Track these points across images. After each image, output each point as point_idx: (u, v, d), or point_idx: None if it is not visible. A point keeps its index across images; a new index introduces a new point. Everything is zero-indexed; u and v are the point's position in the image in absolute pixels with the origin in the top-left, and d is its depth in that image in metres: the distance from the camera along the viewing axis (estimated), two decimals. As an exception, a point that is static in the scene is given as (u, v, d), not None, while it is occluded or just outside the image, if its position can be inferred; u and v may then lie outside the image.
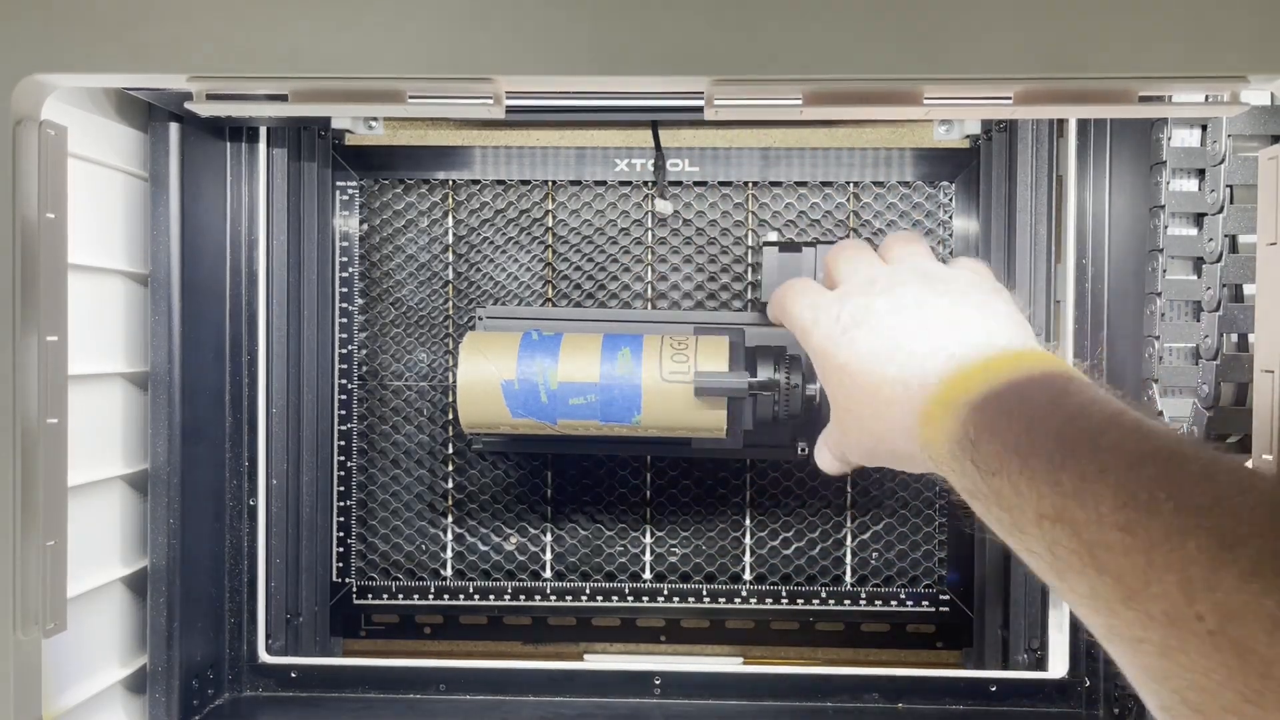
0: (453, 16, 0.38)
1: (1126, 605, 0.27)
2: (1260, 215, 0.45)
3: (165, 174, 0.57)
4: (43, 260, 0.40)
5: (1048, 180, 0.59)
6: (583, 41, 0.38)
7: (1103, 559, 0.28)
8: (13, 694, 0.39)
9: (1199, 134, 0.55)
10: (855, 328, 0.42)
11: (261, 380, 0.62)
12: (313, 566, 0.64)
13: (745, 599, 0.65)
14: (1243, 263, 0.52)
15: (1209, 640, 0.25)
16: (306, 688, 0.63)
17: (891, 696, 0.62)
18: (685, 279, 0.64)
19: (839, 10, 0.37)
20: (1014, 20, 0.37)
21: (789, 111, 0.40)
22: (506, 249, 0.65)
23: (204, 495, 0.60)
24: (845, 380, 0.42)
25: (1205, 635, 0.25)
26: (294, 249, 0.63)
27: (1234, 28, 0.37)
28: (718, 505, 0.65)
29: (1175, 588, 0.26)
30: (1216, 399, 0.53)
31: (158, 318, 0.57)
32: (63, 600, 0.42)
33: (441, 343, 0.65)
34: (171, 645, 0.57)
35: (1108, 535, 0.28)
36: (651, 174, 0.63)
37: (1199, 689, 0.25)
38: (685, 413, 0.55)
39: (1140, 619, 0.27)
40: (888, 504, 0.65)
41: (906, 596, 0.64)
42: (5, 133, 0.38)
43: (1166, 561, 0.26)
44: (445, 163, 0.64)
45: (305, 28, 0.38)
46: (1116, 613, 0.28)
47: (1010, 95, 0.39)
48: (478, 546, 0.66)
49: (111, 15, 0.38)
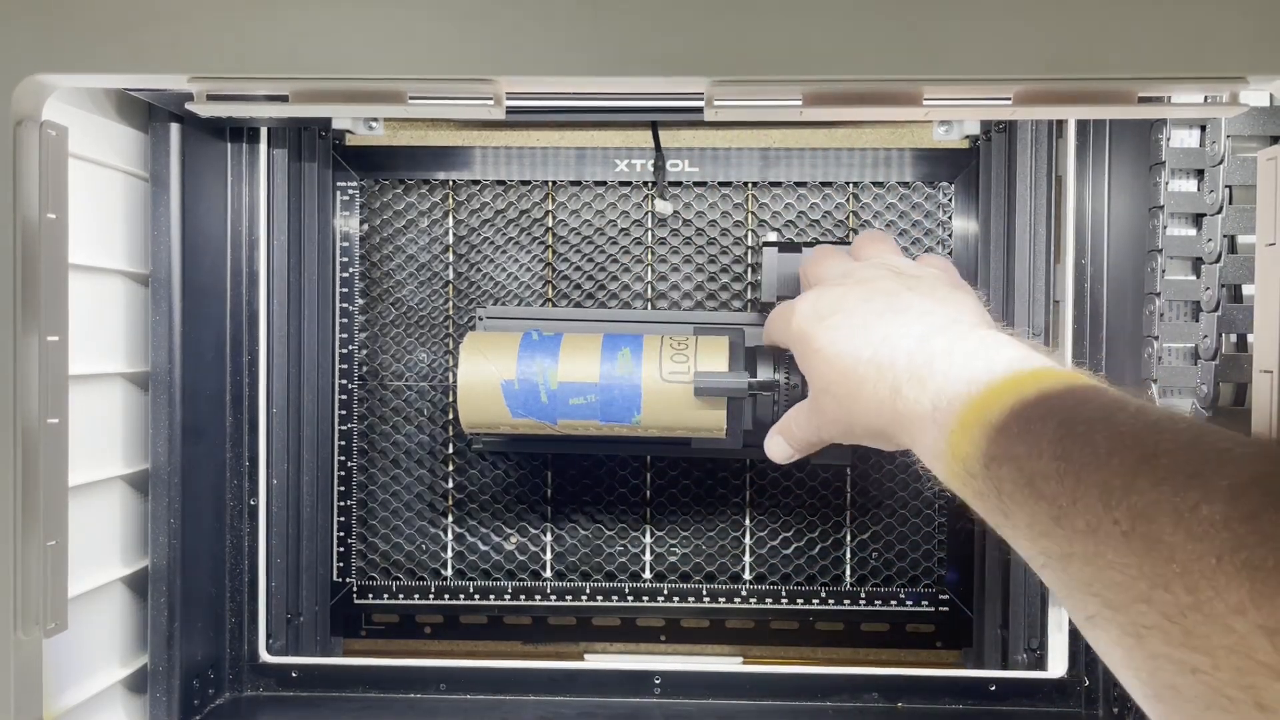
0: (453, 17, 0.38)
1: (1058, 524, 0.30)
2: (1259, 215, 0.45)
3: (166, 174, 0.57)
4: (43, 260, 0.40)
5: (1047, 181, 0.59)
6: (583, 42, 0.38)
7: (1040, 487, 0.31)
8: (13, 694, 0.39)
9: (1198, 134, 0.55)
10: (831, 315, 0.45)
11: (262, 380, 0.62)
12: (313, 566, 0.64)
13: (745, 599, 0.65)
14: (1242, 263, 0.52)
15: (1124, 541, 0.28)
16: (307, 687, 0.63)
17: (891, 696, 0.62)
18: (685, 279, 0.65)
19: (839, 10, 0.37)
20: (1014, 20, 0.37)
21: (789, 112, 0.40)
22: (506, 249, 0.65)
23: (204, 495, 0.60)
24: (822, 364, 0.45)
25: (1120, 537, 0.28)
26: (294, 249, 0.63)
27: (1233, 28, 0.37)
28: (718, 505, 0.65)
29: (1097, 500, 0.29)
30: (1215, 399, 0.53)
31: (158, 318, 0.57)
32: (63, 600, 0.42)
33: (441, 343, 0.65)
34: (172, 645, 0.57)
35: (1045, 465, 0.31)
36: (651, 174, 0.63)
37: (1116, 586, 0.28)
38: (685, 413, 0.55)
39: (1068, 535, 0.30)
40: (887, 504, 0.65)
41: (906, 596, 0.64)
42: (6, 133, 0.38)
43: (1092, 479, 0.29)
44: (445, 163, 0.64)
45: (305, 28, 0.38)
46: (1050, 534, 0.31)
47: (1010, 96, 0.39)
48: (478, 546, 0.66)
49: (112, 15, 0.38)
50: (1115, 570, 0.28)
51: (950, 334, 0.41)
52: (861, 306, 0.45)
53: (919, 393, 0.39)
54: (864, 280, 0.47)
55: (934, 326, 0.41)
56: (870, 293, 0.45)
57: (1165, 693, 0.29)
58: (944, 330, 0.41)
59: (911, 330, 0.42)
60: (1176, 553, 0.26)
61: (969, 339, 0.40)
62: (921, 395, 0.39)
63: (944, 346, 0.40)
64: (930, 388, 0.39)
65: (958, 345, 0.39)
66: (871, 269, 0.48)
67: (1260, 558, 0.25)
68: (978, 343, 0.39)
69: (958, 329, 0.41)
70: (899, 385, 0.40)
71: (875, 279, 0.47)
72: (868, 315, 0.44)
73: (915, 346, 0.41)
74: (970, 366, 0.38)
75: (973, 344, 0.39)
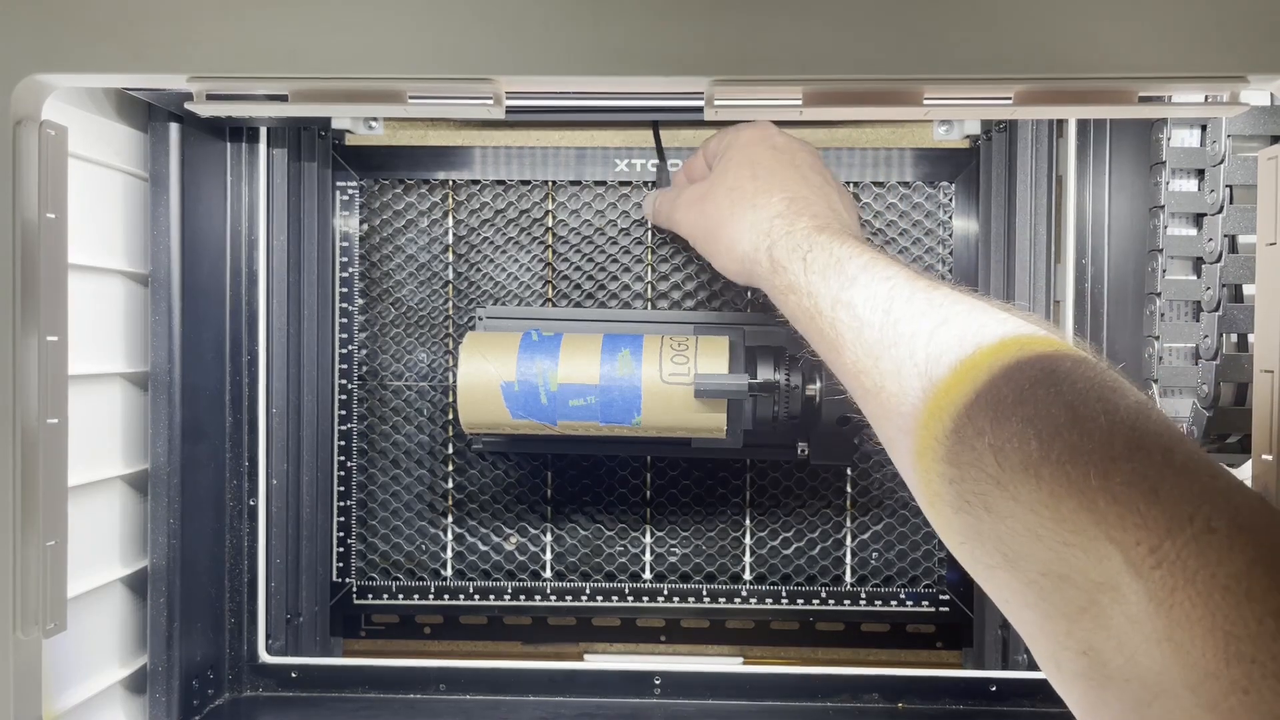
0: (453, 16, 0.38)
1: (878, 362, 0.39)
2: (1260, 215, 0.45)
3: (165, 174, 0.57)
4: (43, 260, 0.40)
5: (1047, 180, 0.59)
6: (583, 42, 0.38)
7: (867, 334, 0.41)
8: (13, 694, 0.39)
9: (1199, 134, 0.55)
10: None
11: (262, 380, 0.62)
12: (313, 566, 0.64)
13: (745, 599, 0.65)
14: (1242, 263, 0.52)
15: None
16: (306, 688, 0.63)
17: (891, 696, 0.62)
18: (686, 279, 0.64)
19: (839, 10, 0.37)
20: (1014, 20, 0.37)
21: (789, 111, 0.40)
22: (506, 249, 0.65)
23: (204, 495, 0.60)
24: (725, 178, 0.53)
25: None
26: (294, 249, 0.63)
27: (1234, 28, 0.37)
28: (718, 505, 0.65)
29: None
30: (1216, 399, 0.53)
31: (158, 318, 0.57)
32: (63, 600, 0.41)
33: (441, 343, 0.65)
34: (171, 645, 0.57)
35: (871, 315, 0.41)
36: (652, 174, 0.63)
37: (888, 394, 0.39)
38: (685, 414, 0.55)
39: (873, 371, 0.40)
40: (888, 504, 0.65)
41: (906, 596, 0.64)
42: (5, 133, 0.38)
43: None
44: (445, 163, 0.64)
45: (305, 28, 0.38)
46: (865, 371, 0.40)
47: (1010, 95, 0.39)
48: (478, 546, 0.66)
49: (111, 15, 0.38)
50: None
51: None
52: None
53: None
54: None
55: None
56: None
57: (935, 500, 0.37)
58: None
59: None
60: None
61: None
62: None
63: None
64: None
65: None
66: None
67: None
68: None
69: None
70: (763, 225, 0.50)
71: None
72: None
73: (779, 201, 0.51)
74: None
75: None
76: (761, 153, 0.52)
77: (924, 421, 0.36)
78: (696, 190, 0.55)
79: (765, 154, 0.52)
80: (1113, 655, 0.28)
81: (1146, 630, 0.27)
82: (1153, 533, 0.28)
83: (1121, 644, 0.28)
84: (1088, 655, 0.29)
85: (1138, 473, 0.29)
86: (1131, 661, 0.28)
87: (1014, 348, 0.35)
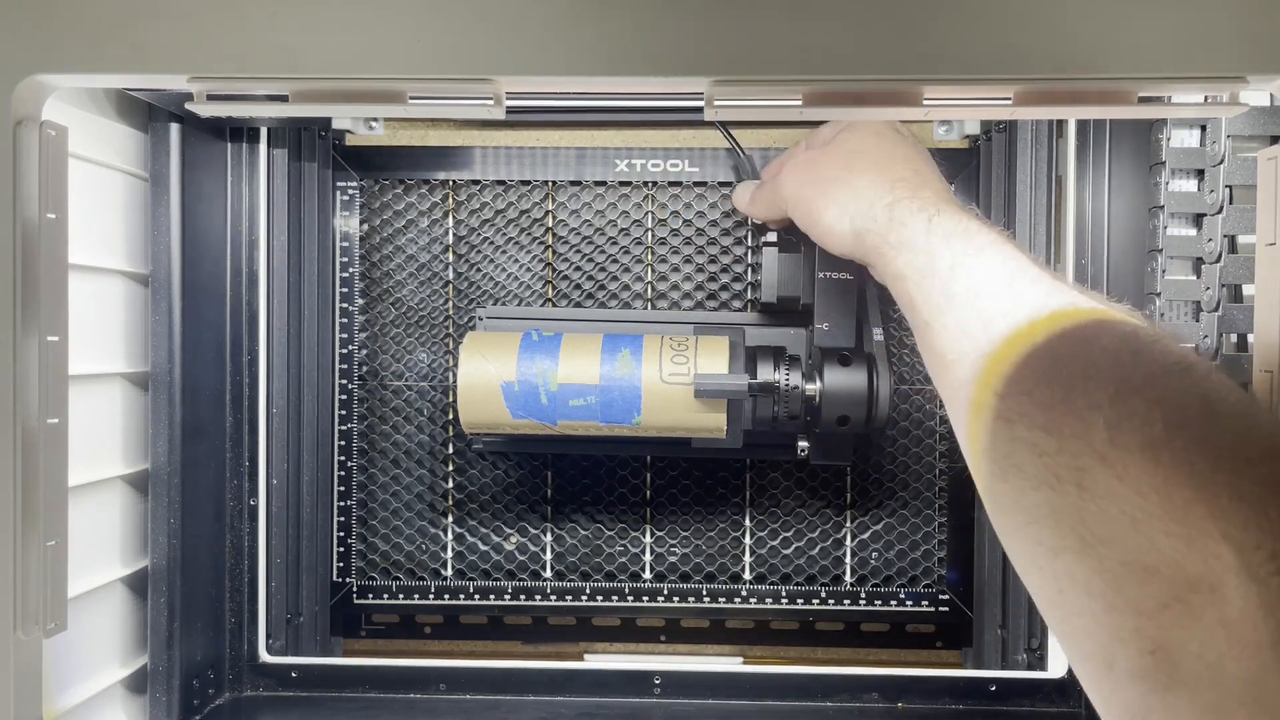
0: (453, 16, 0.38)
1: (987, 326, 0.39)
2: (1259, 215, 0.45)
3: (165, 174, 0.57)
4: (43, 260, 0.40)
5: (1047, 181, 0.59)
6: (583, 42, 0.38)
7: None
8: (13, 694, 0.39)
9: (1198, 134, 0.55)
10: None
11: (262, 380, 0.62)
12: (313, 566, 0.64)
13: (745, 599, 0.65)
14: (1242, 263, 0.52)
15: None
16: (307, 687, 0.63)
17: (891, 696, 0.62)
18: (686, 279, 0.64)
19: (839, 10, 0.37)
20: (1014, 20, 0.37)
21: (789, 112, 0.40)
22: (506, 249, 0.65)
23: (204, 495, 0.60)
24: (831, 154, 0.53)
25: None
26: (294, 249, 0.63)
27: (1234, 28, 0.37)
28: (718, 505, 0.65)
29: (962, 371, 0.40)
30: (1216, 399, 0.53)
31: (158, 318, 0.57)
32: (63, 600, 0.41)
33: (441, 343, 0.65)
34: (172, 645, 0.57)
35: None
36: (653, 174, 0.63)
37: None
38: (685, 414, 0.55)
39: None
40: (888, 504, 0.65)
41: (906, 596, 0.64)
42: (6, 133, 0.38)
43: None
44: (445, 163, 0.64)
45: (305, 28, 0.38)
46: (971, 334, 0.40)
47: (1010, 96, 0.39)
48: (478, 546, 0.66)
49: (111, 15, 0.38)
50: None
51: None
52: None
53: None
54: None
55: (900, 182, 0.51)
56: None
57: (1011, 471, 0.35)
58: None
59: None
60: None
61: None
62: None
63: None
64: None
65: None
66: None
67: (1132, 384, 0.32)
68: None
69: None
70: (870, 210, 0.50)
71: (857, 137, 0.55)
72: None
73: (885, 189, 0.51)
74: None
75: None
76: (885, 129, 0.53)
77: (1024, 388, 0.36)
78: (812, 153, 0.55)
79: (889, 131, 0.53)
80: (1190, 658, 0.27)
81: (1246, 636, 0.26)
82: (1278, 539, 0.27)
83: (1205, 647, 0.27)
84: (1155, 655, 0.28)
85: (1273, 479, 0.28)
86: (1214, 667, 0.27)
87: (1148, 337, 0.35)
